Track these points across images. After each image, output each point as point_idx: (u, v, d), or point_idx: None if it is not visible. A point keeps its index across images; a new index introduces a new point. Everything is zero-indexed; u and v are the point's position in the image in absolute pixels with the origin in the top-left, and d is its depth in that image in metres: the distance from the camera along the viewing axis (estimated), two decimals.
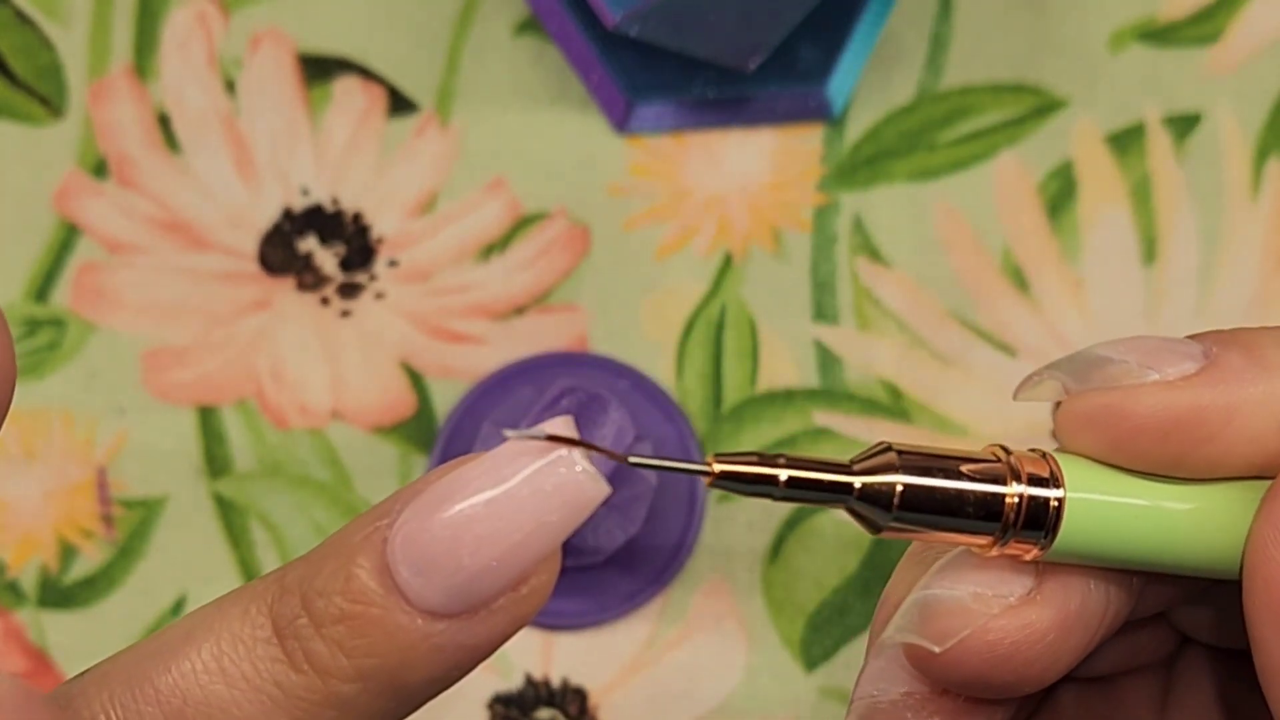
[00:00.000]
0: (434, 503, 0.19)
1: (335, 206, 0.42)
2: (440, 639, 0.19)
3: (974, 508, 0.22)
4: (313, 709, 0.19)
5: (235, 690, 0.19)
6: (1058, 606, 0.22)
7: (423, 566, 0.19)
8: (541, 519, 0.19)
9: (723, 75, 0.42)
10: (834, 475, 0.21)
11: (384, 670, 0.19)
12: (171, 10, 0.43)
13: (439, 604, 0.19)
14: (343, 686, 0.19)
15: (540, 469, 0.19)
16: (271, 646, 0.19)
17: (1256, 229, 0.42)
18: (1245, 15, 0.43)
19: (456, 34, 0.43)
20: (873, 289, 0.42)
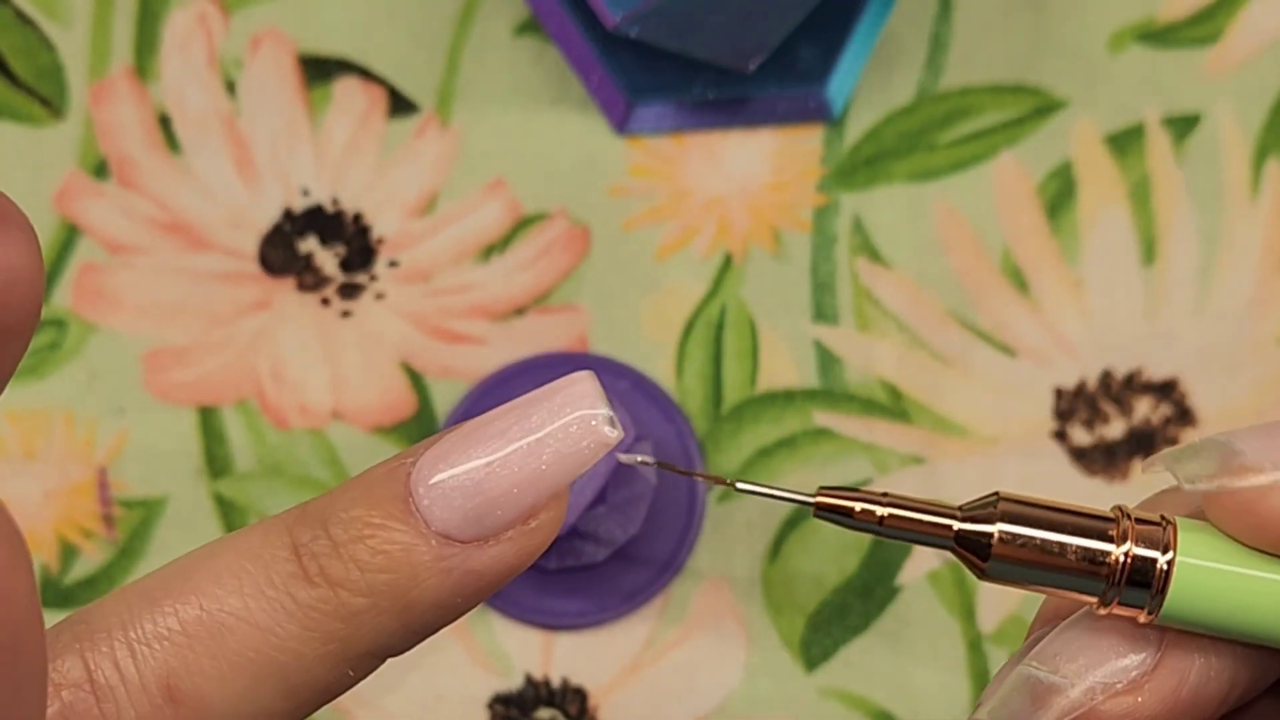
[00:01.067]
0: (459, 438, 0.21)
1: (335, 207, 0.42)
2: (450, 562, 0.20)
3: (1076, 562, 0.22)
4: (323, 620, 0.20)
5: (250, 600, 0.20)
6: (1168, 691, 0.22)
7: (442, 493, 0.20)
8: (559, 453, 0.21)
9: (723, 76, 0.42)
10: (934, 517, 0.22)
11: (394, 588, 0.20)
12: (172, 11, 0.43)
13: (454, 528, 0.20)
14: (353, 600, 0.20)
15: (569, 422, 0.21)
16: (288, 563, 0.20)
17: (1256, 229, 0.42)
18: (1244, 16, 0.43)
19: (457, 35, 0.43)
20: (872, 289, 0.42)
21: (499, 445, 0.21)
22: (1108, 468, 0.41)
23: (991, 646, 0.40)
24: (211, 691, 0.20)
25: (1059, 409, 0.41)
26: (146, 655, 0.20)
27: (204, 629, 0.20)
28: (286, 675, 0.20)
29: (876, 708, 0.40)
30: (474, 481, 0.20)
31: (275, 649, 0.20)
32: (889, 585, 0.41)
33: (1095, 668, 0.22)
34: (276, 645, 0.20)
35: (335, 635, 0.20)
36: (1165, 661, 0.22)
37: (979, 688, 0.40)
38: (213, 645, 0.20)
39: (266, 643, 0.20)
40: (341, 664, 0.21)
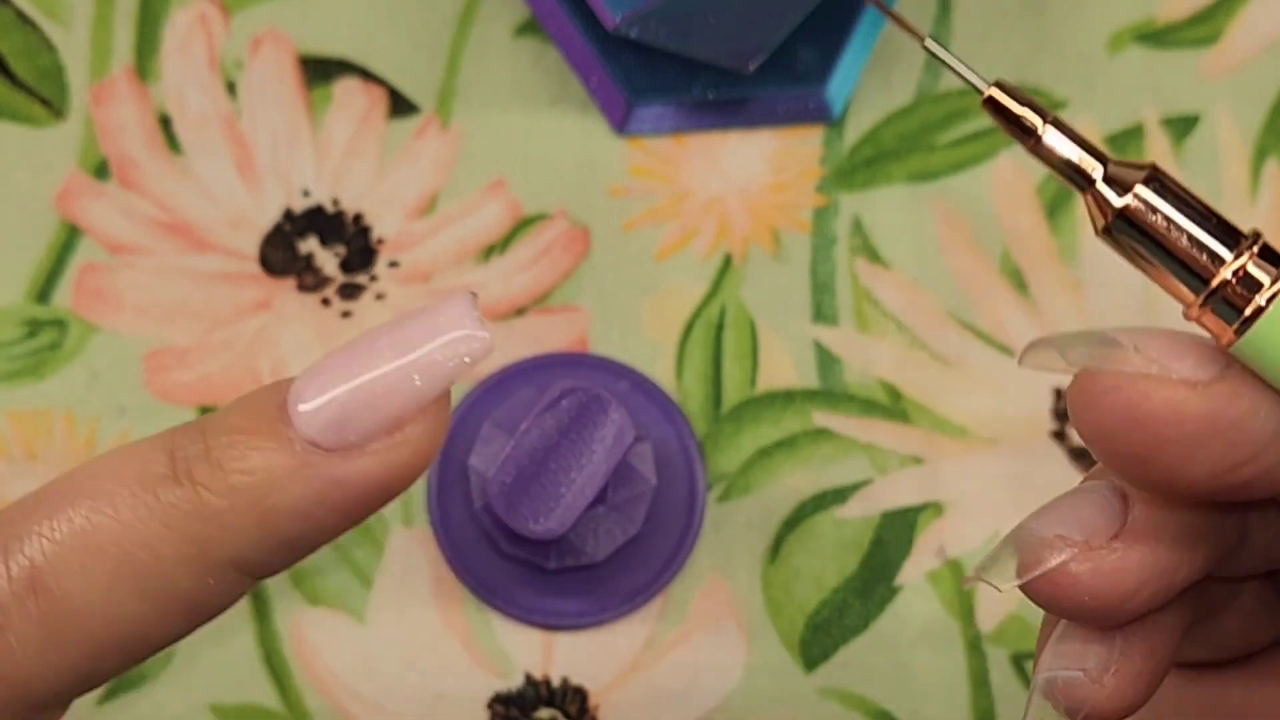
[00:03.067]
0: (336, 353, 0.21)
1: (336, 208, 0.42)
2: (312, 469, 0.21)
3: (1193, 252, 0.21)
4: (183, 519, 0.20)
5: (120, 499, 0.20)
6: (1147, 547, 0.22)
7: (313, 403, 0.21)
8: (426, 363, 0.21)
9: (722, 77, 0.42)
10: (1088, 154, 0.22)
11: (255, 489, 0.21)
12: (172, 12, 0.43)
13: (319, 435, 0.21)
14: (213, 500, 0.20)
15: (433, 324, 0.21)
16: (161, 466, 0.21)
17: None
18: (1243, 17, 0.43)
19: (457, 35, 0.43)
20: (872, 290, 0.42)
21: (369, 358, 0.21)
22: None
23: (990, 646, 0.41)
24: (73, 587, 0.20)
25: (1058, 409, 0.41)
26: (18, 550, 0.20)
27: (74, 526, 0.20)
28: (146, 574, 0.21)
29: (876, 707, 0.40)
30: (343, 391, 0.21)
31: (135, 545, 0.20)
32: (888, 585, 0.41)
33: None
34: (137, 541, 0.20)
35: (195, 536, 0.21)
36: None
37: (978, 687, 0.40)
38: (78, 540, 0.20)
39: (127, 538, 0.20)
40: (200, 569, 0.21)
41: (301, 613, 0.40)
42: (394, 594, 0.40)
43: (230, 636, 0.40)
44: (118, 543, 0.20)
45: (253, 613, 0.40)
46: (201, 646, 0.40)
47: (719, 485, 0.41)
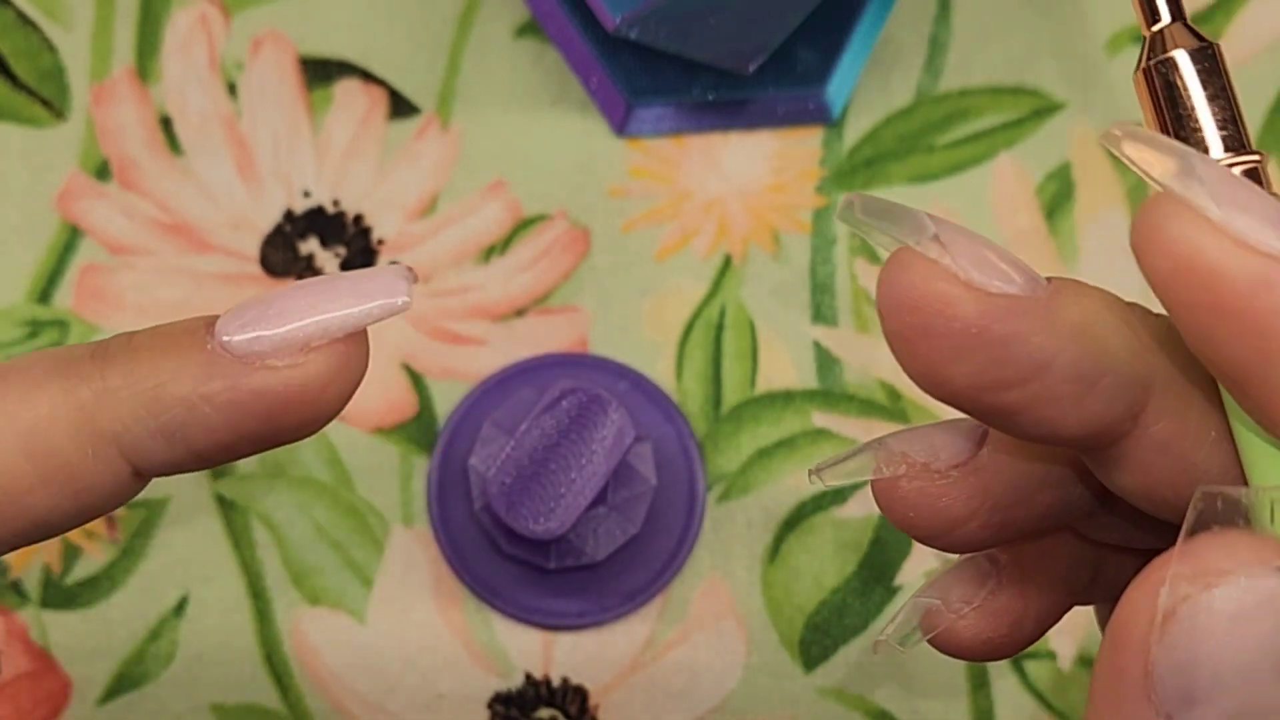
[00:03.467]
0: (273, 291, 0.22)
1: (336, 208, 0.42)
2: (215, 368, 0.21)
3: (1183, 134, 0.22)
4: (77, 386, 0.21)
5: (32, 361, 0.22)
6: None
7: (233, 316, 0.22)
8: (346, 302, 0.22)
9: (722, 78, 0.42)
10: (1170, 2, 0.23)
11: (154, 373, 0.21)
12: (173, 13, 0.43)
13: (234, 344, 0.21)
14: (112, 376, 0.21)
15: (369, 293, 0.22)
16: (87, 349, 0.22)
17: None
18: (1243, 17, 0.43)
19: (457, 36, 0.43)
20: (871, 290, 0.42)
21: (296, 290, 0.22)
22: None
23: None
24: None
25: None
26: None
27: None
28: (31, 431, 0.21)
29: (875, 707, 0.40)
30: (262, 310, 0.21)
31: (27, 403, 0.21)
32: (887, 585, 0.41)
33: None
34: (30, 402, 0.21)
35: (83, 403, 0.21)
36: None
37: (977, 687, 0.41)
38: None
39: (24, 399, 0.21)
40: (84, 437, 0.21)
41: (302, 613, 0.40)
42: (394, 594, 0.41)
43: (231, 637, 0.40)
44: (15, 402, 0.21)
45: (253, 613, 0.40)
46: (202, 647, 0.40)
47: (719, 485, 0.41)
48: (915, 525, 0.24)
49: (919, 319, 0.20)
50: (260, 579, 0.41)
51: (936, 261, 0.20)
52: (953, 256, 0.20)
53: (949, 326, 0.20)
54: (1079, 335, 0.20)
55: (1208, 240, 0.19)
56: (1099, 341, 0.21)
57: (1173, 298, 0.19)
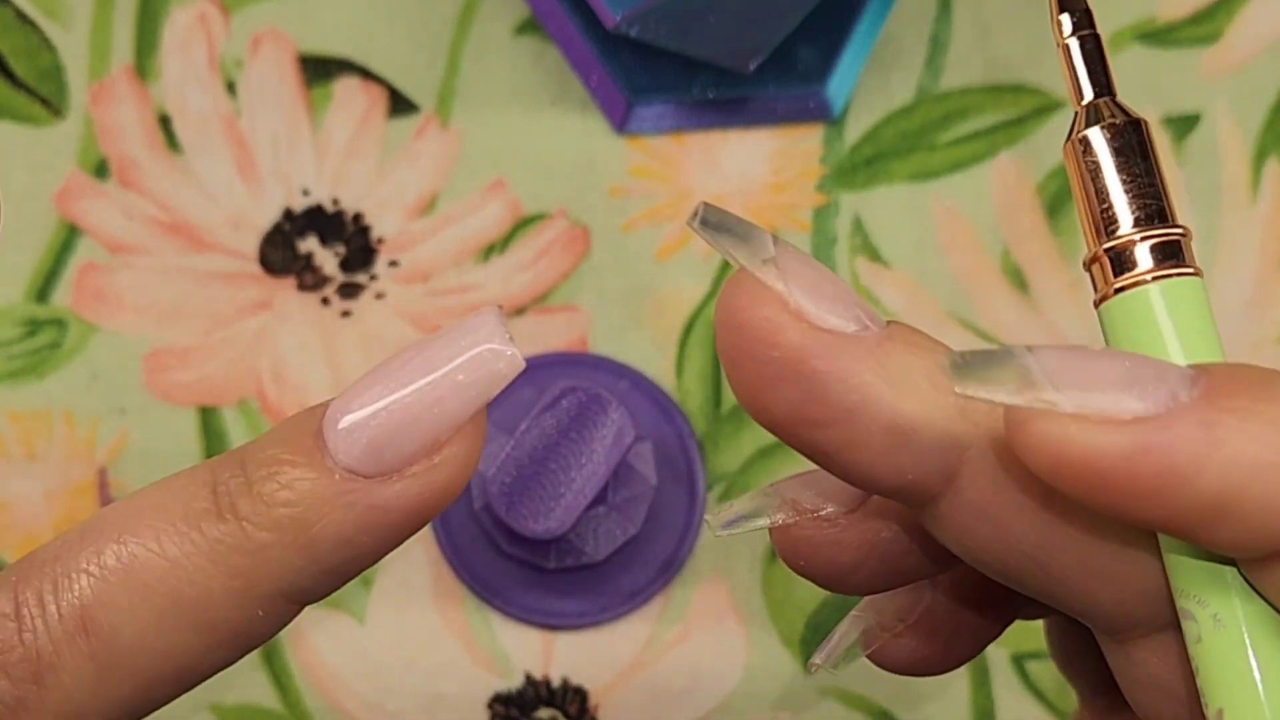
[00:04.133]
0: (368, 376, 0.21)
1: (336, 207, 0.42)
2: (353, 496, 0.21)
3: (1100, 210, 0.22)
4: (228, 554, 0.21)
5: (164, 535, 0.21)
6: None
7: (348, 428, 0.21)
8: (459, 383, 0.21)
9: (722, 76, 0.42)
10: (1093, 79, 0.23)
11: (298, 521, 0.21)
12: (172, 11, 0.43)
13: (357, 462, 0.21)
14: (258, 534, 0.21)
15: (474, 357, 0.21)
16: (205, 501, 0.21)
17: (1255, 230, 0.42)
18: (1244, 16, 0.43)
19: (457, 35, 0.43)
20: (872, 289, 0.42)
21: (401, 379, 0.21)
22: None
23: (991, 646, 0.40)
24: (123, 624, 0.20)
25: None
26: (67, 589, 0.21)
27: (121, 563, 0.21)
28: (195, 609, 0.21)
29: (876, 707, 0.40)
30: (377, 416, 0.21)
31: (183, 582, 0.21)
32: None
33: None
34: (184, 579, 0.21)
35: (241, 570, 0.21)
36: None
37: (978, 687, 0.40)
38: (126, 578, 0.21)
39: (175, 576, 0.21)
40: (249, 601, 0.21)
41: (302, 613, 0.40)
42: (394, 594, 0.40)
43: None
44: (165, 579, 0.21)
45: None
46: None
47: (719, 485, 0.41)
48: (809, 572, 0.23)
49: (743, 342, 0.20)
50: None
51: (769, 287, 0.20)
52: (787, 283, 0.20)
53: (769, 354, 0.20)
54: (896, 386, 0.20)
55: (1068, 431, 0.18)
56: (916, 396, 0.20)
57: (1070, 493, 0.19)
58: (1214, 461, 0.18)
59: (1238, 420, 0.18)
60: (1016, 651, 0.41)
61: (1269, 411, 0.18)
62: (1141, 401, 0.18)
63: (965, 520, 0.21)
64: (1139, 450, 0.18)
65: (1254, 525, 0.18)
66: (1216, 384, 0.19)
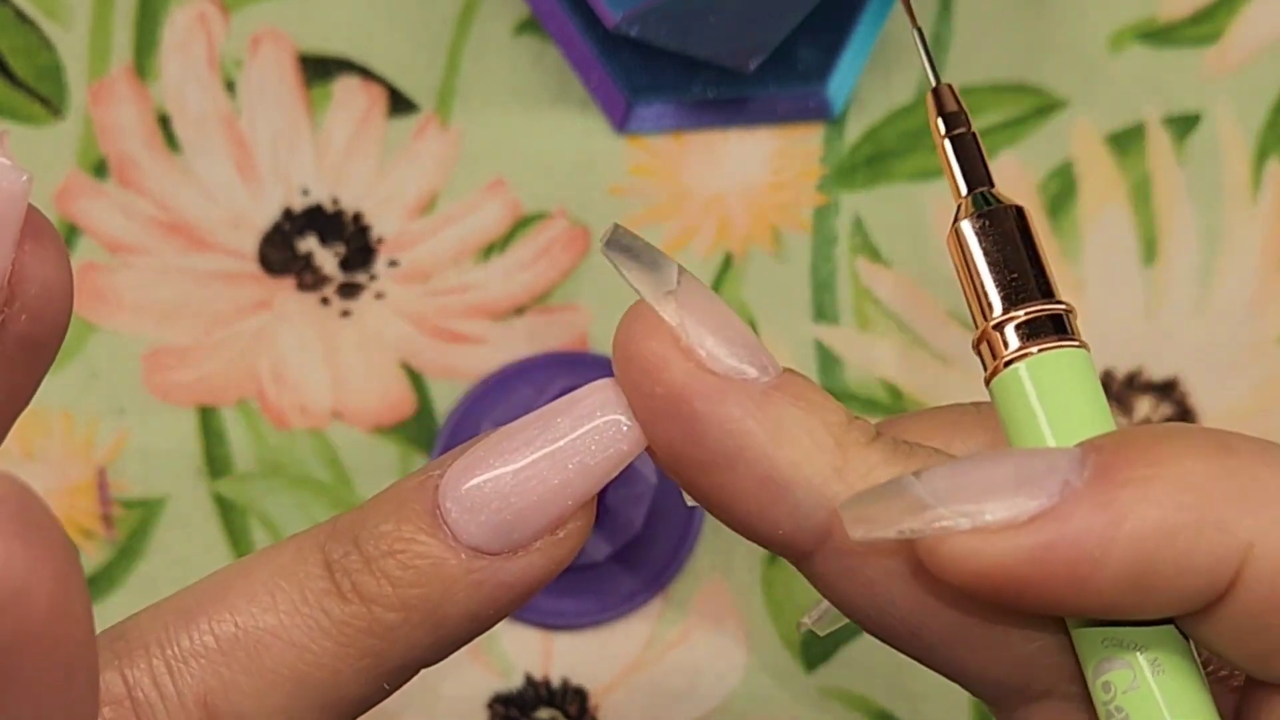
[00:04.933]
0: (484, 450, 0.21)
1: (335, 207, 0.42)
2: (481, 575, 0.20)
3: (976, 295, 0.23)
4: (357, 636, 0.20)
5: (285, 618, 0.20)
6: None
7: (470, 506, 0.20)
8: (584, 463, 0.20)
9: (722, 75, 0.42)
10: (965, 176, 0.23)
11: (426, 602, 0.20)
12: (172, 11, 0.43)
13: (483, 541, 0.20)
14: (386, 615, 0.20)
15: (594, 428, 0.21)
16: (321, 580, 0.20)
17: (1256, 229, 0.42)
18: (1245, 16, 0.43)
19: (457, 34, 0.43)
20: (872, 289, 0.42)
21: (524, 455, 0.21)
22: None
23: None
24: (248, 708, 0.20)
25: None
26: (184, 672, 0.20)
27: (239, 646, 0.20)
28: (323, 691, 0.20)
29: (876, 707, 0.40)
30: (500, 494, 0.20)
31: (311, 665, 0.20)
32: None
33: None
34: (312, 662, 0.20)
35: (370, 650, 0.20)
36: None
37: None
38: (249, 662, 0.20)
39: (302, 659, 0.20)
40: (377, 678, 0.21)
41: None
42: None
43: None
44: (292, 664, 0.20)
45: None
46: None
47: None
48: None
49: (631, 373, 0.20)
50: None
51: (663, 321, 0.20)
52: (684, 319, 0.20)
53: (653, 389, 0.20)
54: (776, 438, 0.20)
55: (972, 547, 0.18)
56: (794, 450, 0.20)
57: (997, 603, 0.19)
58: (1119, 540, 0.18)
59: (1134, 491, 0.18)
60: None
61: (1164, 473, 0.18)
62: (1035, 499, 0.18)
63: (838, 580, 0.21)
64: (1043, 548, 0.18)
65: (1176, 589, 0.18)
66: (1106, 459, 0.19)
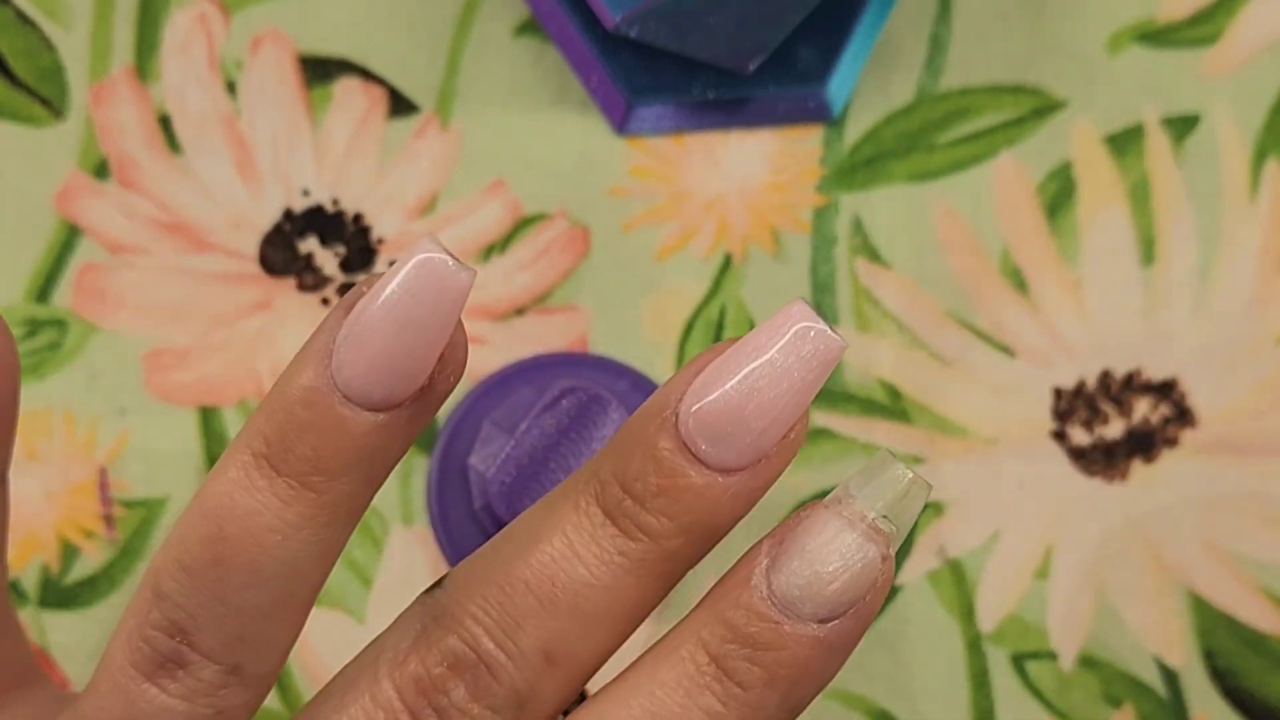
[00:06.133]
0: (710, 382, 0.24)
1: (336, 207, 0.42)
2: (738, 488, 0.24)
3: None
4: (653, 565, 0.24)
5: (589, 567, 0.24)
6: None
7: (715, 436, 0.23)
8: (803, 377, 0.23)
9: (722, 76, 0.42)
10: None
11: (700, 524, 0.24)
12: (172, 11, 0.43)
13: (732, 462, 0.23)
14: (670, 543, 0.24)
15: (794, 335, 0.23)
16: (608, 528, 0.24)
17: (1255, 230, 0.42)
18: (1244, 17, 0.43)
19: (457, 35, 0.43)
20: (872, 290, 0.42)
21: (741, 372, 0.23)
22: (1107, 468, 0.41)
23: (990, 646, 0.41)
24: (581, 648, 0.24)
25: (1058, 409, 0.41)
26: (519, 633, 0.24)
27: (559, 602, 0.24)
28: (631, 614, 0.24)
29: (876, 707, 0.40)
30: (735, 415, 0.23)
31: (620, 599, 0.24)
32: None
33: None
34: (620, 596, 0.24)
35: (663, 573, 0.24)
36: None
37: (978, 687, 0.40)
38: (571, 611, 0.24)
39: (613, 597, 0.24)
40: (668, 589, 0.24)
41: None
42: (394, 594, 0.40)
43: None
44: (608, 605, 0.24)
45: None
46: None
47: None
48: None
49: None
50: None
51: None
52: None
53: None
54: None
55: None
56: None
57: None
58: None
59: None
60: (1016, 651, 0.41)
61: None
62: None
63: None
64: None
65: None
66: None
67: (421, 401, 0.24)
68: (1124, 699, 0.40)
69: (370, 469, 0.24)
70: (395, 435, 0.24)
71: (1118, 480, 0.41)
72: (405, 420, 0.24)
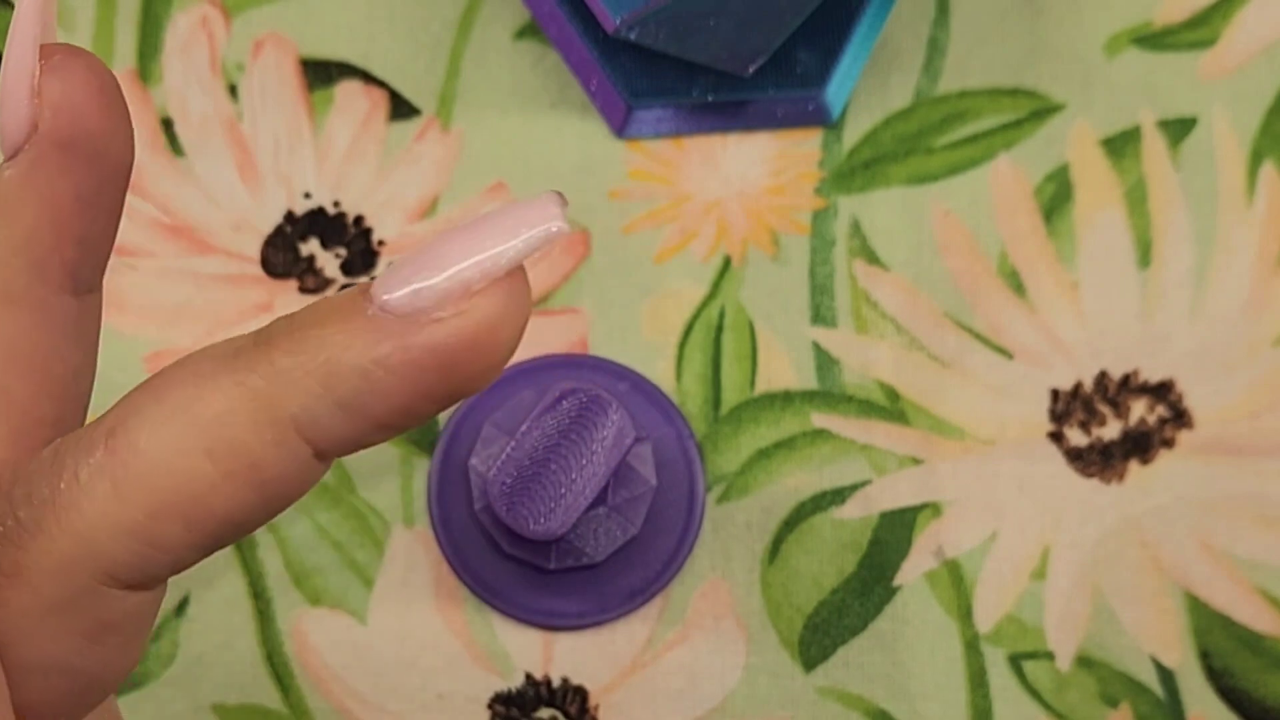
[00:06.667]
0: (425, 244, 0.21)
1: (337, 210, 0.42)
2: (381, 331, 0.21)
3: None
4: (248, 374, 0.21)
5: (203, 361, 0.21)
6: None
7: (389, 273, 0.21)
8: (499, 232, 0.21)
9: (721, 80, 0.42)
10: None
11: (320, 347, 0.21)
12: (174, 15, 0.43)
13: (390, 297, 0.21)
14: (282, 358, 0.21)
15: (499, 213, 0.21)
16: (249, 338, 0.21)
17: (1251, 232, 0.42)
18: (1240, 20, 0.43)
19: (457, 38, 0.43)
20: (870, 291, 0.42)
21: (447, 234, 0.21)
22: (1104, 469, 0.41)
23: (988, 646, 0.41)
24: (143, 436, 0.21)
25: (1055, 410, 0.42)
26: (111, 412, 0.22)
27: (154, 387, 0.22)
28: (210, 429, 0.21)
29: (874, 707, 0.41)
30: (416, 260, 0.21)
31: (203, 402, 0.21)
32: (887, 585, 0.41)
33: None
34: (205, 399, 0.21)
35: (258, 391, 0.21)
36: None
37: (976, 687, 0.41)
38: (155, 395, 0.21)
39: (198, 396, 0.21)
40: (261, 424, 0.21)
41: (303, 613, 0.40)
42: (395, 594, 0.41)
43: (232, 637, 0.40)
44: (190, 399, 0.21)
45: (254, 613, 0.41)
46: (203, 647, 0.40)
47: (718, 486, 0.41)
48: None
49: None
50: (261, 579, 0.41)
51: None
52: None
53: None
54: None
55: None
56: None
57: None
58: None
59: None
60: (1014, 651, 0.41)
61: None
62: None
63: None
64: None
65: None
66: None
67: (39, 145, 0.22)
68: (1121, 699, 0.41)
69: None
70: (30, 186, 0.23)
71: (1114, 481, 0.41)
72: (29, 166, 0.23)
